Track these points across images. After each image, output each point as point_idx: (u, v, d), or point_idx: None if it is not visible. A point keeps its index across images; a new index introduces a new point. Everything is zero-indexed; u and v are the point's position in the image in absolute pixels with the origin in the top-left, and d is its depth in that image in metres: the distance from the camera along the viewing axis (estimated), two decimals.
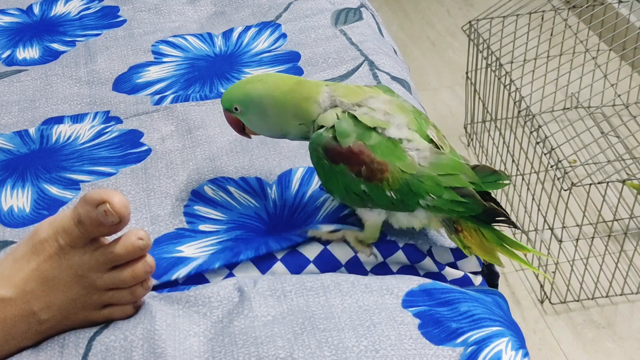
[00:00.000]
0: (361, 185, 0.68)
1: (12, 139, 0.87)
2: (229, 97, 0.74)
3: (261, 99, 0.71)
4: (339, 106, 0.69)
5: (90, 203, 0.59)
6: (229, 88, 0.74)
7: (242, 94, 0.72)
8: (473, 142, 1.72)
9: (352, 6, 1.10)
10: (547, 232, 1.47)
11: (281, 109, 0.71)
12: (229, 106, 0.74)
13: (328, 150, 0.68)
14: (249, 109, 0.73)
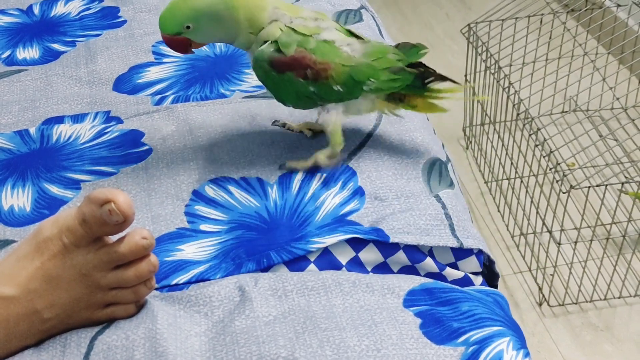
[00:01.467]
0: (309, 87, 0.77)
1: (12, 138, 0.87)
2: (178, 19, 0.74)
3: (214, 7, 0.74)
4: (279, 19, 0.76)
5: (95, 202, 0.59)
6: (169, 12, 0.74)
7: (193, 9, 0.74)
8: (472, 145, 1.72)
9: (352, 8, 1.10)
10: (545, 234, 1.47)
11: (235, 12, 0.75)
12: (180, 28, 0.74)
13: (274, 62, 0.76)
14: (201, 21, 0.74)
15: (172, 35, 0.75)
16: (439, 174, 0.82)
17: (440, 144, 0.88)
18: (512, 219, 1.53)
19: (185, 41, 0.76)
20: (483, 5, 2.23)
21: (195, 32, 0.75)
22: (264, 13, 0.76)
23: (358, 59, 0.77)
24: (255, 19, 0.76)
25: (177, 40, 0.76)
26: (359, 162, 0.82)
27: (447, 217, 0.77)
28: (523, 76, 1.53)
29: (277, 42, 0.76)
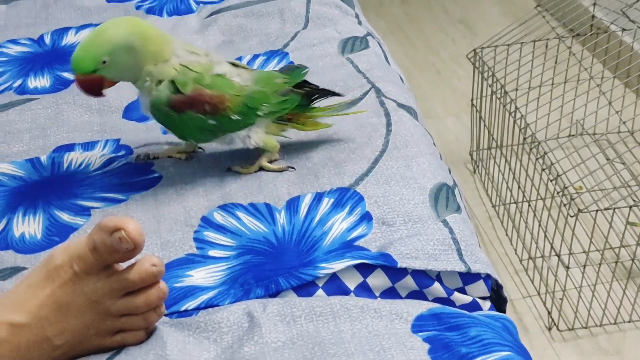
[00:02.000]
0: (209, 121, 0.80)
1: (23, 166, 0.88)
2: (96, 53, 0.74)
3: (130, 39, 0.75)
4: (179, 55, 0.79)
5: (105, 230, 0.60)
6: (83, 50, 0.75)
7: (110, 42, 0.75)
8: (479, 169, 1.72)
9: (358, 35, 1.11)
10: (554, 258, 1.47)
11: (147, 44, 0.77)
12: (97, 64, 0.75)
13: (173, 104, 0.79)
14: (117, 54, 0.75)
15: (87, 74, 0.76)
16: (446, 198, 0.82)
17: (447, 169, 0.89)
18: (520, 243, 1.53)
19: (99, 80, 0.77)
20: (488, 31, 2.24)
21: (110, 67, 0.76)
22: (167, 46, 0.79)
23: (249, 88, 0.82)
24: (161, 53, 0.78)
25: (91, 79, 0.76)
26: (366, 188, 0.82)
27: (455, 242, 0.77)
28: (529, 100, 1.54)
29: (173, 83, 0.78)
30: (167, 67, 0.78)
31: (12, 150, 0.91)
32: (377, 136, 0.89)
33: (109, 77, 0.77)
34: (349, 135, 0.89)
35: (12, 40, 1.13)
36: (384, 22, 2.35)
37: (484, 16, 2.34)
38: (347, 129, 0.90)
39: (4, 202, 0.83)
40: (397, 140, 0.88)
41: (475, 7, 2.39)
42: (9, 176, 0.86)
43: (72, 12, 1.19)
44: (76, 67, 0.75)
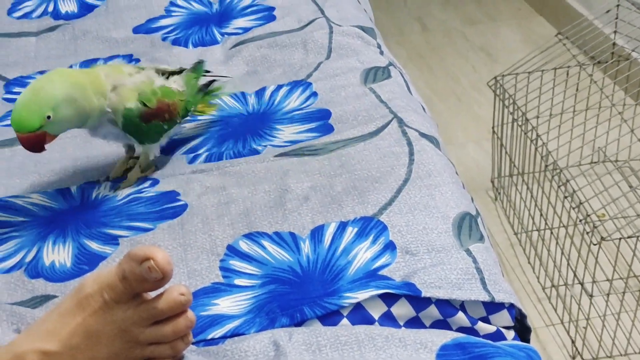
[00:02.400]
0: (164, 126, 0.91)
1: (53, 196, 0.89)
2: (39, 111, 0.78)
3: (69, 91, 0.80)
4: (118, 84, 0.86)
5: (135, 259, 0.61)
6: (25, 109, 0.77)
7: (50, 99, 0.78)
8: (500, 196, 1.72)
9: (380, 65, 1.12)
10: (577, 286, 1.46)
11: (84, 89, 0.82)
12: (41, 120, 0.78)
13: (143, 116, 0.88)
14: (60, 108, 0.79)
15: (31, 132, 0.78)
16: (469, 228, 0.83)
17: (469, 198, 0.90)
18: (543, 271, 1.53)
19: (42, 136, 0.79)
20: (509, 58, 2.25)
21: (54, 123, 0.79)
22: (101, 81, 0.84)
23: (185, 92, 0.93)
24: (100, 87, 0.84)
25: (35, 137, 0.79)
26: (390, 217, 0.83)
27: (478, 271, 0.77)
28: (550, 128, 1.54)
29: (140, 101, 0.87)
30: (122, 94, 0.86)
31: (43, 180, 0.92)
32: (400, 165, 0.90)
33: (51, 132, 0.80)
34: (372, 165, 0.90)
35: (42, 71, 1.16)
36: (404, 50, 2.37)
37: (504, 44, 2.35)
38: (370, 158, 0.91)
39: (35, 231, 0.84)
40: (420, 169, 0.89)
41: (495, 34, 2.41)
42: (40, 206, 0.88)
43: (100, 44, 1.21)
44: (20, 126, 0.78)
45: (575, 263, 1.38)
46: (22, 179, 0.93)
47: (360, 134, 0.96)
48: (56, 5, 1.31)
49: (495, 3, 2.59)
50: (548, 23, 2.43)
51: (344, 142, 0.95)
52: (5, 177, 0.93)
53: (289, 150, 0.94)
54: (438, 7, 2.60)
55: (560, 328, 1.43)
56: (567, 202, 1.54)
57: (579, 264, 1.41)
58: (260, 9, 1.27)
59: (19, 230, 0.85)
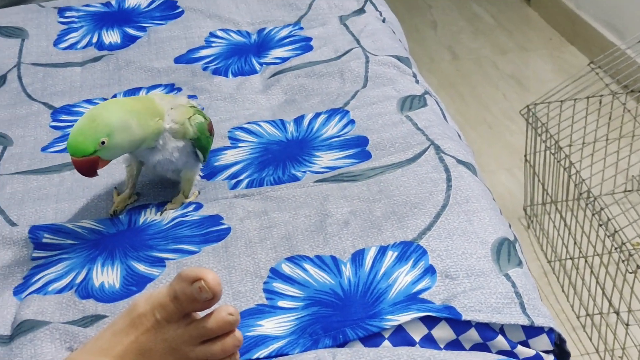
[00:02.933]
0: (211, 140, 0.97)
1: (102, 221, 0.92)
2: (94, 136, 0.81)
3: (124, 118, 0.83)
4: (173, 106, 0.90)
5: (186, 280, 0.63)
6: (80, 134, 0.81)
7: (106, 125, 0.82)
8: (533, 224, 1.73)
9: (416, 93, 1.15)
10: (612, 315, 1.46)
11: (140, 114, 0.85)
12: (95, 145, 0.81)
13: (208, 128, 0.95)
14: (114, 134, 0.82)
15: (85, 156, 0.81)
16: (508, 253, 0.84)
17: (507, 223, 0.91)
18: (577, 299, 1.53)
19: (95, 161, 0.83)
20: (540, 86, 2.27)
21: (108, 148, 0.82)
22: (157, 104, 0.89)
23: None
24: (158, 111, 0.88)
25: (88, 161, 0.82)
26: (429, 242, 0.85)
27: (517, 296, 0.78)
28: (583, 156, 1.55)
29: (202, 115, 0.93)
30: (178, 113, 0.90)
31: (91, 205, 0.96)
32: (438, 191, 0.92)
33: (104, 157, 0.83)
34: (411, 191, 0.92)
35: (87, 100, 1.19)
36: (435, 78, 2.39)
37: (535, 73, 2.37)
38: (408, 184, 0.93)
39: (85, 253, 0.87)
40: (457, 195, 0.91)
41: (526, 63, 2.42)
42: (89, 230, 0.91)
43: (143, 73, 1.25)
44: (75, 150, 0.81)
45: (611, 291, 1.37)
46: (70, 203, 0.96)
47: (398, 161, 0.98)
48: (100, 36, 1.36)
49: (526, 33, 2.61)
50: (580, 52, 2.44)
51: (382, 168, 0.97)
52: (55, 202, 0.96)
53: (329, 176, 0.96)
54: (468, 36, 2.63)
55: (596, 357, 1.42)
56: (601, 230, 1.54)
57: (614, 293, 1.41)
58: (298, 39, 1.30)
59: (69, 252, 0.88)
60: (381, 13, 1.37)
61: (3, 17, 1.44)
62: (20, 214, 0.95)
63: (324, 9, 1.38)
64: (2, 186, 1.00)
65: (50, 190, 0.99)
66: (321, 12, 1.37)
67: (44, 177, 1.01)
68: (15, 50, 1.33)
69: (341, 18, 1.34)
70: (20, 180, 1.01)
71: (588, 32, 2.40)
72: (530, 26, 2.65)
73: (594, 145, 1.56)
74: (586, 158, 1.69)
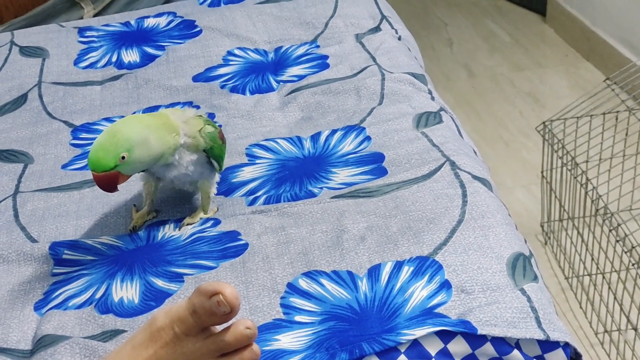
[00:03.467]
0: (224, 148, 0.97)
1: (121, 237, 0.94)
2: (114, 151, 0.82)
3: (143, 133, 0.84)
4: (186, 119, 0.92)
5: (205, 294, 0.64)
6: (101, 149, 0.82)
7: (126, 140, 0.83)
8: (550, 241, 1.73)
9: (432, 110, 1.15)
10: (631, 332, 1.45)
11: (158, 130, 0.87)
12: (116, 160, 0.82)
13: (219, 136, 0.95)
14: (134, 149, 0.83)
15: (106, 171, 0.83)
16: (523, 268, 0.84)
17: (522, 239, 0.91)
18: (595, 316, 1.52)
19: (116, 176, 0.84)
20: (556, 103, 2.27)
21: (128, 163, 0.84)
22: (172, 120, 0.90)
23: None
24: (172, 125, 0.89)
25: (109, 176, 0.83)
26: (445, 257, 0.85)
27: (533, 310, 0.79)
28: (600, 172, 1.55)
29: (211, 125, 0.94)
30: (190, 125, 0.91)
31: (110, 221, 0.97)
32: (454, 207, 0.92)
33: (125, 172, 0.84)
34: (426, 206, 0.93)
35: (106, 118, 1.21)
36: (451, 96, 2.40)
37: (551, 89, 2.37)
38: (424, 200, 0.94)
39: (104, 269, 0.88)
40: (473, 211, 0.91)
41: (542, 80, 2.43)
42: (108, 245, 0.92)
43: (161, 91, 1.27)
44: (96, 165, 0.82)
45: (629, 308, 1.37)
46: (90, 220, 0.98)
47: (413, 177, 0.99)
48: (119, 55, 1.38)
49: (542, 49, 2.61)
50: (595, 69, 2.44)
51: (398, 184, 0.97)
52: (74, 219, 0.98)
53: (345, 193, 0.97)
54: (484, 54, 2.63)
55: None
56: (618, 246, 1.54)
57: (632, 309, 1.41)
58: (314, 57, 1.32)
59: (88, 268, 0.89)
60: (397, 31, 1.39)
61: (24, 37, 1.47)
62: (40, 231, 0.96)
63: (340, 27, 1.39)
64: (23, 203, 1.02)
65: (71, 207, 1.00)
66: (337, 31, 1.39)
67: (64, 194, 1.03)
68: (36, 69, 1.35)
69: (357, 36, 1.36)
70: (41, 198, 1.03)
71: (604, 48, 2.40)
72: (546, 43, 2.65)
73: (611, 162, 1.56)
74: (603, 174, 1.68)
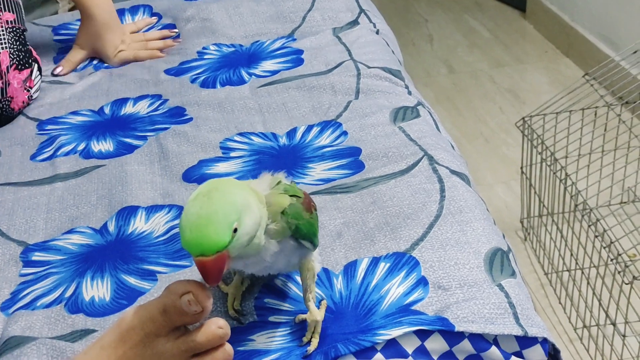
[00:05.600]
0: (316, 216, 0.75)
1: (92, 236, 0.91)
2: (225, 222, 0.61)
3: (244, 194, 0.65)
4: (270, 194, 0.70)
5: (175, 293, 0.62)
6: (204, 226, 0.60)
7: (233, 204, 0.62)
8: (530, 237, 1.72)
9: (409, 105, 1.14)
10: (609, 327, 1.45)
11: (250, 194, 0.66)
12: (230, 234, 0.61)
13: (304, 206, 0.71)
14: (244, 216, 0.63)
15: (219, 251, 0.61)
16: (501, 263, 0.83)
17: (501, 234, 0.90)
18: (574, 311, 1.52)
19: (226, 258, 0.62)
20: (536, 99, 2.27)
21: (238, 237, 0.62)
22: (257, 191, 0.69)
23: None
24: (261, 198, 0.68)
25: (222, 258, 0.61)
26: (422, 253, 0.84)
27: (511, 306, 0.78)
28: (579, 168, 1.55)
29: (290, 195, 0.71)
30: (274, 198, 0.70)
31: (81, 211, 0.95)
32: (432, 202, 0.91)
33: (233, 249, 0.62)
34: (404, 201, 0.92)
35: (74, 112, 1.19)
36: (431, 92, 2.39)
37: (531, 85, 2.37)
38: (401, 195, 0.93)
39: (73, 267, 0.86)
40: (451, 206, 0.90)
41: (523, 76, 2.43)
42: (77, 244, 0.90)
43: (131, 84, 1.24)
44: (206, 246, 0.60)
45: (607, 303, 1.37)
46: (61, 212, 0.96)
47: (391, 172, 0.97)
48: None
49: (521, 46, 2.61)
50: (575, 65, 2.45)
51: (376, 179, 0.96)
52: (45, 212, 0.96)
53: (322, 189, 0.96)
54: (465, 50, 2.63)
55: None
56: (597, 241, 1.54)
57: (610, 304, 1.40)
58: (289, 51, 1.30)
59: (57, 267, 0.87)
60: (375, 25, 1.37)
61: None
62: (10, 224, 0.94)
63: (318, 21, 1.38)
64: None
65: (41, 199, 0.98)
66: (315, 24, 1.37)
67: (35, 188, 1.01)
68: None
69: (334, 30, 1.34)
70: (10, 191, 1.01)
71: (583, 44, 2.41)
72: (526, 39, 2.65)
73: (590, 157, 1.56)
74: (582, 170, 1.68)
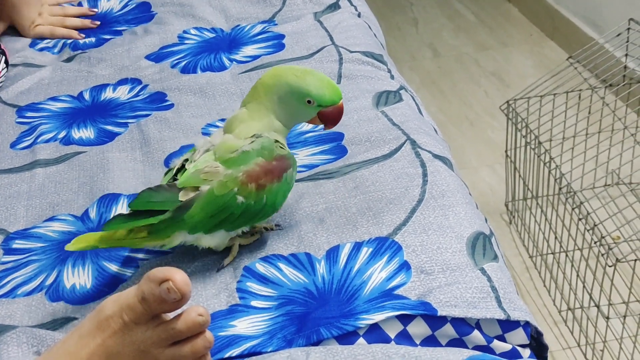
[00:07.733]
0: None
1: (71, 221, 0.91)
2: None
3: None
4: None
5: (154, 281, 0.62)
6: (331, 82, 0.85)
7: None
8: (515, 220, 1.73)
9: (391, 89, 1.14)
10: (593, 309, 1.45)
11: None
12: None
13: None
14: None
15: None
16: (483, 247, 0.83)
17: (483, 218, 0.90)
18: (559, 294, 1.52)
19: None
20: (521, 83, 2.27)
21: None
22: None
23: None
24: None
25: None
26: (404, 237, 0.84)
27: (493, 290, 0.78)
28: (563, 151, 1.55)
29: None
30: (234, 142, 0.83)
31: (62, 198, 0.94)
32: (414, 186, 0.91)
33: None
34: (386, 186, 0.91)
35: (53, 97, 1.18)
36: (416, 75, 2.39)
37: (516, 69, 2.37)
38: (384, 179, 0.92)
39: (54, 255, 0.86)
40: (433, 190, 0.90)
41: (507, 60, 2.42)
42: (58, 232, 0.89)
43: (111, 69, 1.23)
44: (340, 95, 0.86)
45: (591, 285, 1.37)
46: (41, 199, 0.95)
47: (374, 156, 0.97)
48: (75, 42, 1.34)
49: (506, 29, 2.61)
50: (559, 48, 2.44)
51: (358, 164, 0.96)
52: (26, 199, 0.95)
53: (305, 176, 0.95)
54: (449, 33, 2.62)
55: (577, 351, 1.42)
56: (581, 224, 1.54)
57: (594, 287, 1.41)
58: (270, 36, 1.29)
59: (37, 254, 0.86)
60: (356, 7, 1.36)
61: None
62: None
63: (299, 5, 1.37)
64: None
65: (22, 187, 0.97)
66: (296, 8, 1.36)
67: (15, 175, 1.00)
68: None
69: (316, 14, 1.33)
70: None
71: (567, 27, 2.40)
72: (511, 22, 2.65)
73: (574, 140, 1.56)
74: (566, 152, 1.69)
